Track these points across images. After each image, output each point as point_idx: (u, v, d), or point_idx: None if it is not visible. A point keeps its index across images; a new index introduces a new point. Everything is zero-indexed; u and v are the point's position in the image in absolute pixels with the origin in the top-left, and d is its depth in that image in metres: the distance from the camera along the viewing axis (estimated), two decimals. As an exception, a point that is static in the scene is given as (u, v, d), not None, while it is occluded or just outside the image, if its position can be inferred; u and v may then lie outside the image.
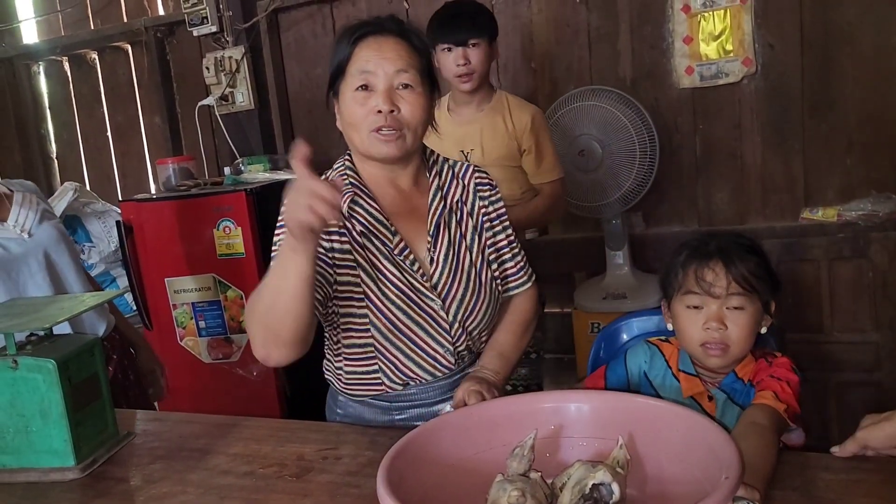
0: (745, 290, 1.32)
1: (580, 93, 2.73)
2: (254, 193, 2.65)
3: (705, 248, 1.37)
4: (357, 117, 1.33)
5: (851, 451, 1.11)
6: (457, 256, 1.41)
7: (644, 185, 2.67)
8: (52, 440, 1.35)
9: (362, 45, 1.33)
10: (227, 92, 3.46)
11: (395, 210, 1.40)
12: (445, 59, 2.25)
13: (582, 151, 2.66)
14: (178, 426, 1.58)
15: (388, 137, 1.32)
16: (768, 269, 1.37)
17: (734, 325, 1.33)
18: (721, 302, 1.33)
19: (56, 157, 4.28)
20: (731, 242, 1.37)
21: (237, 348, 2.72)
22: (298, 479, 1.26)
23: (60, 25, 4.08)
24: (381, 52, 1.32)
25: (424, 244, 1.40)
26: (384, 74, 1.31)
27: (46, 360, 1.33)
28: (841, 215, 2.65)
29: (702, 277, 1.34)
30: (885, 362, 2.69)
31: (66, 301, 1.57)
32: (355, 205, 1.37)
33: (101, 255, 3.49)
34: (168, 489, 1.28)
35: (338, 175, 1.40)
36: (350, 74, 1.33)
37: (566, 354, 3.01)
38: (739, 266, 1.33)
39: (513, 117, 2.31)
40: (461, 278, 1.40)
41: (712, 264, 1.34)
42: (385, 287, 1.35)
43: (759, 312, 1.35)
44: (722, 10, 2.71)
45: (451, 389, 1.40)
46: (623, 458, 0.98)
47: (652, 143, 2.64)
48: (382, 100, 1.30)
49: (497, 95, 2.36)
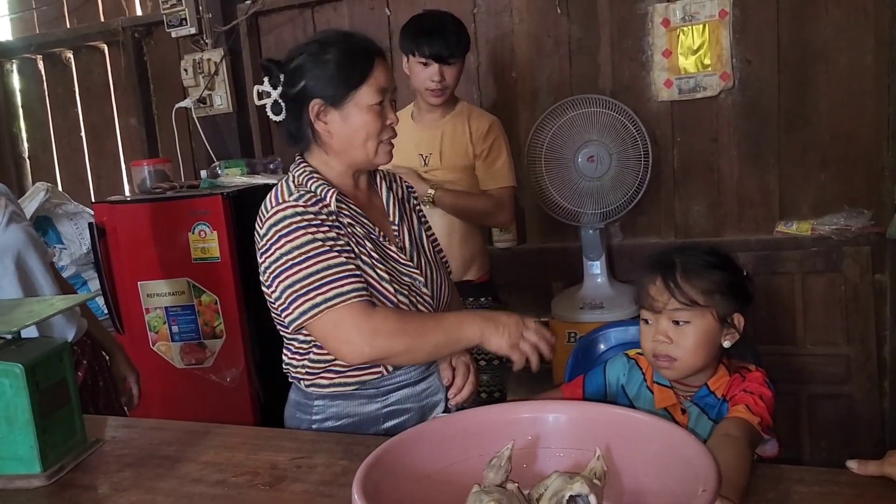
0: (685, 305, 1.32)
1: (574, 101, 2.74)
2: (230, 197, 2.62)
3: (658, 263, 1.38)
4: (374, 130, 1.45)
5: (871, 473, 1.09)
6: (417, 241, 1.58)
7: (636, 196, 2.69)
8: (17, 446, 1.32)
9: (379, 64, 1.46)
10: (205, 94, 3.43)
11: (362, 205, 1.52)
12: (420, 71, 2.28)
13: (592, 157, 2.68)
14: (148, 433, 1.56)
15: (391, 148, 1.51)
16: (731, 283, 1.36)
17: (680, 338, 1.34)
18: (665, 316, 1.34)
19: (28, 157, 4.20)
20: (690, 258, 1.37)
21: (210, 354, 2.69)
22: (271, 488, 1.25)
23: (35, 23, 4.02)
24: (388, 73, 1.48)
25: (392, 232, 1.54)
26: (389, 93, 1.48)
27: (13, 365, 1.30)
28: (815, 229, 2.69)
29: (647, 293, 1.37)
30: (855, 375, 2.72)
31: (35, 304, 1.54)
32: (339, 202, 1.45)
33: (72, 257, 3.44)
34: (137, 497, 1.26)
35: (305, 179, 1.47)
36: (368, 89, 1.44)
37: (542, 363, 3.00)
38: (683, 282, 1.33)
39: (471, 125, 2.37)
40: (426, 259, 1.57)
41: (656, 280, 1.36)
42: (381, 272, 1.44)
43: (712, 327, 1.34)
44: (701, 24, 2.74)
45: (429, 367, 1.57)
46: (600, 470, 0.98)
47: (645, 154, 2.66)
48: (393, 115, 1.49)
49: (460, 105, 2.42)
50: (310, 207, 1.40)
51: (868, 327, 2.69)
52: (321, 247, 1.37)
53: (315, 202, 1.42)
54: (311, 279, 1.35)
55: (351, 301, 1.34)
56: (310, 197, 1.42)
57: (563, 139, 2.71)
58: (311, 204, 1.41)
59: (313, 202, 1.42)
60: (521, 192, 3.09)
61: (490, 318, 1.39)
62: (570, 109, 2.72)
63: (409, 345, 1.38)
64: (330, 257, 1.36)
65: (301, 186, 1.45)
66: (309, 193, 1.43)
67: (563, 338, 2.75)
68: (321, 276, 1.35)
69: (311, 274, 1.35)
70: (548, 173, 2.73)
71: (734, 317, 1.36)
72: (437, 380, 1.59)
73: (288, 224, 1.38)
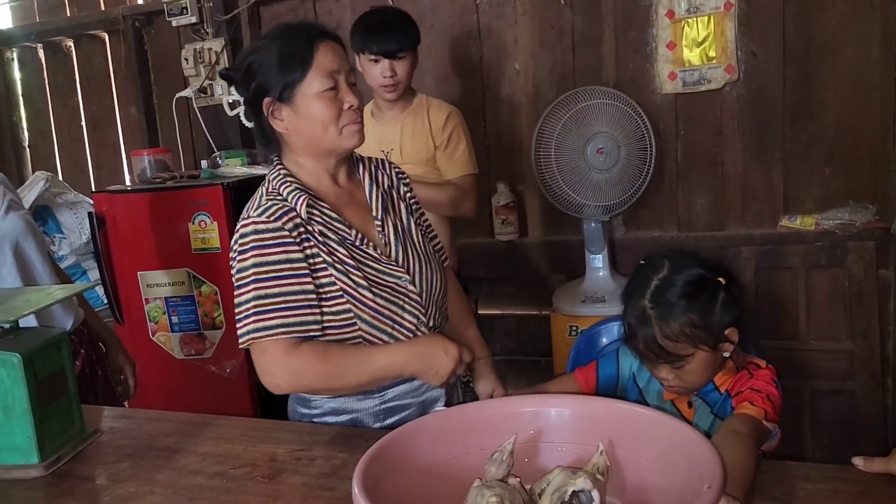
0: (672, 359, 1.31)
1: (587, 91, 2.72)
2: (230, 188, 2.61)
3: (633, 314, 1.34)
4: (329, 115, 1.39)
5: (876, 470, 1.08)
6: (404, 234, 1.52)
7: (640, 189, 2.67)
8: (15, 437, 1.31)
9: (320, 48, 1.39)
10: (206, 84, 3.41)
11: (341, 202, 1.47)
12: (371, 69, 2.29)
13: (601, 149, 2.66)
14: (147, 424, 1.55)
15: (359, 128, 1.43)
16: (716, 310, 1.31)
17: (681, 374, 1.34)
18: (661, 366, 1.34)
19: (28, 146, 4.18)
20: (665, 309, 1.31)
21: (210, 344, 2.68)
22: (270, 480, 1.24)
23: (35, 11, 4.00)
24: (337, 55, 1.41)
25: (374, 229, 1.48)
26: (344, 74, 1.41)
27: (11, 354, 1.29)
28: (818, 224, 2.67)
29: (635, 346, 1.36)
30: (859, 371, 2.71)
31: (34, 293, 1.53)
32: (311, 209, 1.40)
33: (72, 246, 3.43)
34: (135, 489, 1.25)
35: (279, 184, 1.43)
36: (313, 77, 1.38)
37: (543, 357, 3.00)
38: (666, 342, 1.30)
39: (430, 116, 2.38)
40: (414, 252, 1.50)
41: (639, 337, 1.34)
42: (357, 278, 1.39)
43: (709, 356, 1.32)
44: (706, 16, 2.72)
45: None
46: (603, 465, 0.97)
47: (650, 146, 2.64)
48: (353, 96, 1.41)
49: (418, 98, 2.43)
50: (271, 223, 1.35)
51: (872, 323, 2.68)
52: (266, 272, 1.34)
53: (281, 215, 1.36)
54: (247, 305, 1.34)
55: (276, 337, 1.32)
56: (277, 209, 1.37)
57: (573, 131, 2.69)
58: (275, 218, 1.36)
59: (279, 215, 1.36)
60: (522, 185, 3.10)
61: (423, 358, 1.37)
62: (577, 101, 2.69)
63: (329, 386, 1.41)
64: (269, 285, 1.33)
65: (273, 193, 1.41)
66: (279, 203, 1.38)
67: (564, 331, 2.74)
68: (255, 304, 1.33)
69: (248, 300, 1.34)
70: (557, 165, 2.71)
71: (727, 333, 1.33)
72: None
73: (243, 243, 1.36)
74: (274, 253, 1.34)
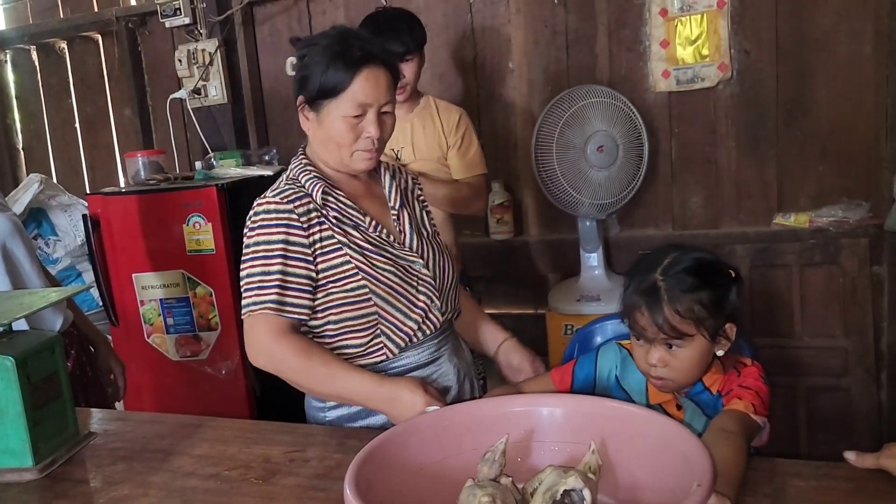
0: (673, 336, 1.28)
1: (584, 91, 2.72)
2: (225, 189, 2.60)
3: (642, 291, 1.31)
4: (346, 139, 1.45)
5: (868, 465, 1.08)
6: (419, 226, 1.59)
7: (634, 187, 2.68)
8: (9, 440, 1.31)
9: (361, 76, 1.42)
10: (200, 85, 3.40)
11: (358, 194, 1.54)
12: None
13: (601, 147, 2.67)
14: (141, 426, 1.55)
15: (371, 156, 1.48)
16: (720, 299, 1.30)
17: (673, 361, 1.30)
18: (657, 344, 1.30)
19: (22, 148, 4.17)
20: (674, 282, 1.29)
21: (206, 346, 2.67)
22: (264, 481, 1.24)
23: (28, 13, 3.98)
24: (377, 86, 1.44)
25: (390, 219, 1.55)
26: (377, 105, 1.45)
27: (4, 358, 1.29)
28: (813, 221, 2.67)
29: (634, 321, 1.32)
30: (853, 368, 2.72)
31: (26, 296, 1.53)
32: (326, 195, 1.47)
33: (66, 248, 3.42)
34: (129, 491, 1.25)
35: (299, 172, 1.50)
36: (344, 101, 1.43)
37: (539, 356, 2.99)
38: (670, 314, 1.27)
39: (441, 117, 2.41)
40: (428, 243, 1.57)
41: (642, 309, 1.30)
42: (373, 258, 1.46)
43: (705, 346, 1.30)
44: (699, 14, 2.72)
45: (437, 350, 1.55)
46: (595, 464, 0.97)
47: (644, 143, 2.65)
48: (374, 128, 1.45)
49: (425, 98, 2.46)
50: (284, 205, 1.43)
51: (866, 320, 2.68)
52: (272, 250, 1.41)
53: (294, 199, 1.44)
54: (250, 279, 1.41)
55: (266, 312, 1.39)
56: (291, 193, 1.45)
57: (573, 129, 2.69)
58: (289, 201, 1.43)
59: (293, 199, 1.44)
60: (518, 183, 3.10)
61: (392, 400, 1.37)
62: (576, 99, 2.70)
63: (298, 383, 1.45)
64: (272, 263, 1.40)
65: (293, 180, 1.49)
66: (295, 188, 1.46)
67: (560, 330, 2.74)
68: (256, 279, 1.40)
69: (252, 274, 1.41)
70: (558, 162, 2.71)
71: (726, 328, 1.32)
72: (448, 364, 1.57)
73: (255, 220, 1.44)
74: (275, 233, 1.41)
